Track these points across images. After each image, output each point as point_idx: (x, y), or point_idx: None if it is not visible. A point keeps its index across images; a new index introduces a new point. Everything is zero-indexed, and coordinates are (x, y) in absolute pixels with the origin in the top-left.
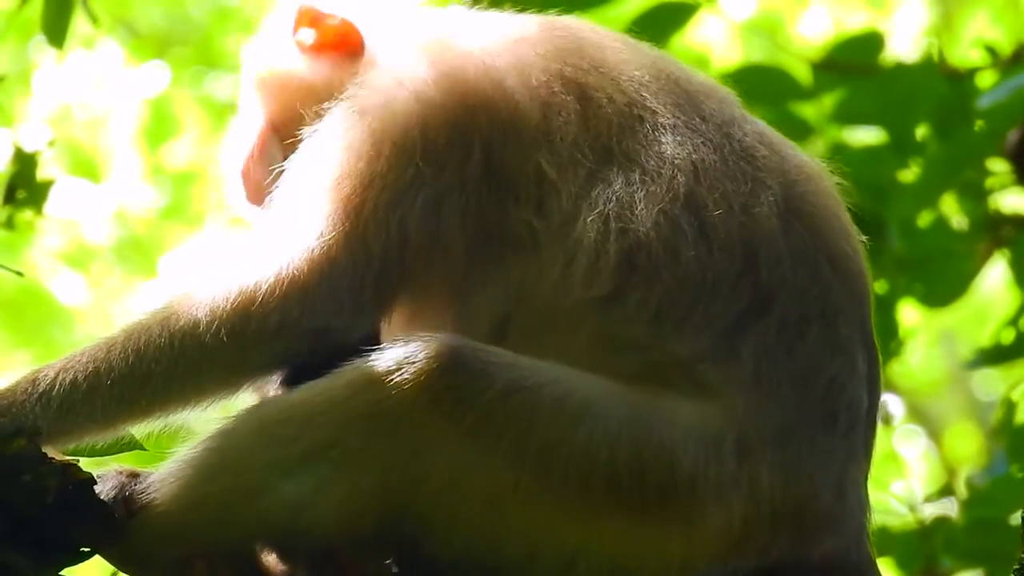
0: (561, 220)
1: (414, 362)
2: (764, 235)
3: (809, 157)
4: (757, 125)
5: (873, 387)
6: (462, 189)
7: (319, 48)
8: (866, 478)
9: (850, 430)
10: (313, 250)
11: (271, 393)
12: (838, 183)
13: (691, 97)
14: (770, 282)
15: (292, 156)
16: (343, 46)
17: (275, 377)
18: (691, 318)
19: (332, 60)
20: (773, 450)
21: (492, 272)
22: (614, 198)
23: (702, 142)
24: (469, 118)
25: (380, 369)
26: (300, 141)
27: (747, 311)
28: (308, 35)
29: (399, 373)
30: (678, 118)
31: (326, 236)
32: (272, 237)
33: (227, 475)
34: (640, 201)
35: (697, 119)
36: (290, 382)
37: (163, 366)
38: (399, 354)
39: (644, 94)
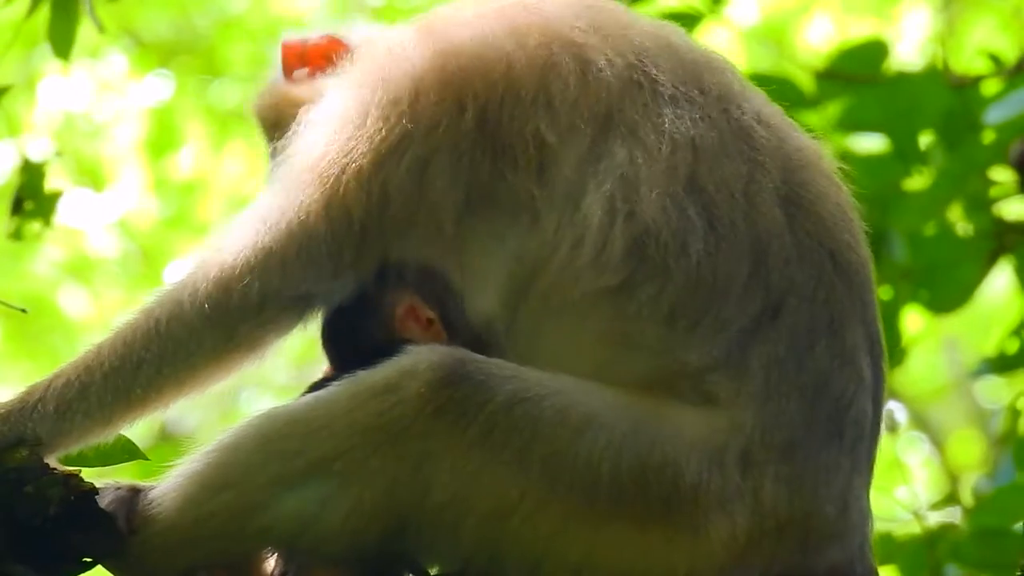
0: (564, 191)
1: (417, 374)
2: (771, 229)
3: (809, 138)
4: (756, 102)
5: (878, 395)
6: (454, 150)
7: (314, 73)
8: (868, 488)
9: (855, 444)
10: (291, 219)
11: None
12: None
13: (690, 67)
14: (780, 284)
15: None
16: (335, 56)
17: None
18: (703, 321)
19: (327, 72)
20: (778, 463)
21: (486, 240)
22: (619, 174)
23: (700, 116)
24: (462, 77)
25: (383, 381)
26: None
27: (758, 317)
28: (302, 72)
29: (402, 385)
30: (677, 88)
31: (305, 204)
32: (252, 212)
33: (230, 490)
34: (645, 182)
35: (695, 91)
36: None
37: (152, 352)
38: (402, 365)
39: (643, 59)
